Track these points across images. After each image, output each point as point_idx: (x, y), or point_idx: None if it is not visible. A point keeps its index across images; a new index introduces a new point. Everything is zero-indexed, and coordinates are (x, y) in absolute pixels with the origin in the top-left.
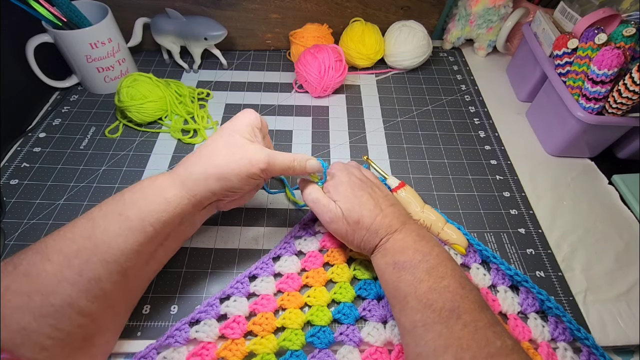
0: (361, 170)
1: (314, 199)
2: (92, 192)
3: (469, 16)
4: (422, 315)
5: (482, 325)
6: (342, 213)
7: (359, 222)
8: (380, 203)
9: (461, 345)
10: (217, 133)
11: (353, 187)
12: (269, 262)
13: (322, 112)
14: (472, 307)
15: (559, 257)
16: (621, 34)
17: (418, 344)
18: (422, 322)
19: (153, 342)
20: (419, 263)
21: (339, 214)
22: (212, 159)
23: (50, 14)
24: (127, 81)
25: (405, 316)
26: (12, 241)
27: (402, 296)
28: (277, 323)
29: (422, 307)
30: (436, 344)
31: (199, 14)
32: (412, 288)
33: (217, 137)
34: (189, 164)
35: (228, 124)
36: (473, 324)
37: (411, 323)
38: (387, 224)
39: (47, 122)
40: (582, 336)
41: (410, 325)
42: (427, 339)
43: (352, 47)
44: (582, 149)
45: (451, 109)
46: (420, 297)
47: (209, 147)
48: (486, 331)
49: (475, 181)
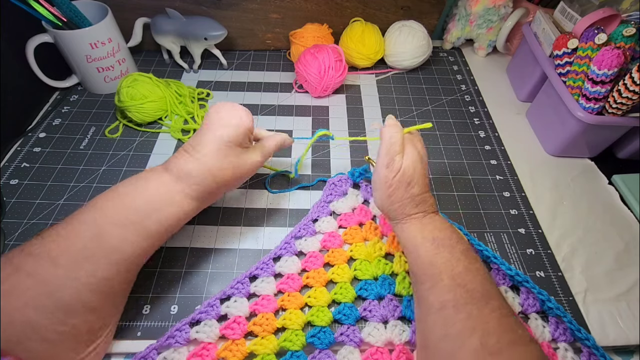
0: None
1: (391, 138)
2: (92, 192)
3: (469, 16)
4: (455, 294)
5: (506, 313)
6: (402, 165)
7: (409, 183)
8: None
9: (487, 329)
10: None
11: (422, 155)
12: (270, 263)
13: (322, 112)
14: (498, 294)
15: (559, 257)
16: (621, 34)
17: (446, 323)
18: (453, 301)
19: (153, 342)
20: (457, 243)
21: (398, 164)
22: (219, 174)
23: (50, 14)
24: (127, 81)
25: (435, 294)
26: (12, 241)
27: (436, 273)
28: (278, 323)
29: (456, 286)
30: (464, 325)
31: (199, 14)
32: (448, 266)
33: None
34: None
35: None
36: (499, 310)
37: (441, 302)
38: (431, 203)
39: (47, 122)
40: (583, 337)
41: (439, 305)
42: (456, 319)
43: (352, 47)
44: (582, 149)
45: (451, 109)
46: (455, 276)
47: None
48: (509, 319)
49: (475, 181)
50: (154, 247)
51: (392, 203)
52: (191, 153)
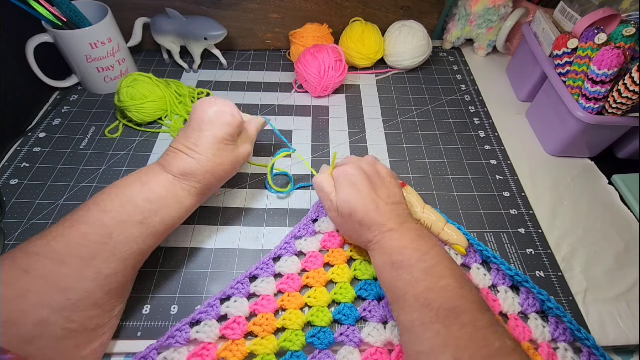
0: (375, 165)
1: (319, 185)
2: (92, 192)
3: (469, 16)
4: (420, 314)
5: (481, 326)
6: (335, 203)
7: (351, 215)
8: (378, 199)
9: (459, 345)
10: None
11: (355, 180)
12: (270, 263)
13: (322, 112)
14: (471, 307)
15: (558, 257)
16: (621, 34)
17: (416, 342)
18: (420, 321)
19: (153, 342)
20: (417, 262)
21: (335, 203)
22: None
23: (50, 14)
24: (127, 81)
25: (404, 315)
26: (12, 241)
27: (400, 295)
28: (278, 324)
29: (420, 306)
30: (434, 343)
31: (199, 14)
32: (409, 287)
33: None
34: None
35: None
36: (472, 324)
37: (410, 322)
38: (381, 222)
39: (47, 122)
40: (583, 337)
41: (409, 324)
42: (424, 337)
43: (352, 47)
44: (582, 149)
45: (451, 109)
46: (417, 296)
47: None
48: (485, 331)
49: (475, 181)
50: (157, 243)
51: (352, 236)
52: (189, 154)
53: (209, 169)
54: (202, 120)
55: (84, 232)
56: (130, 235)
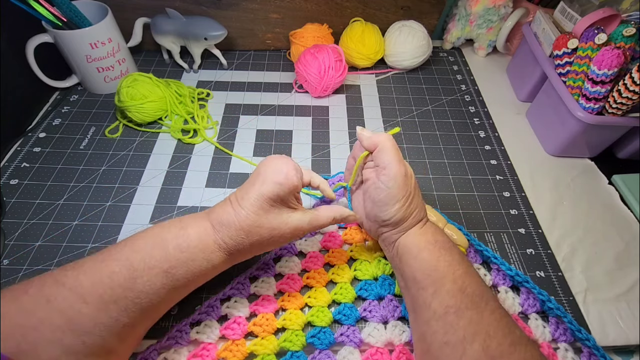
0: None
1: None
2: (92, 192)
3: (469, 16)
4: (456, 300)
5: (504, 314)
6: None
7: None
8: None
9: (489, 332)
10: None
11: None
12: (270, 263)
13: (322, 112)
14: (493, 295)
15: (559, 257)
16: (621, 34)
17: (448, 331)
18: (455, 307)
19: (154, 342)
20: (454, 247)
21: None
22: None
23: (50, 14)
24: (127, 81)
25: (438, 300)
26: (12, 241)
27: (439, 277)
28: (278, 324)
29: (457, 290)
30: (466, 331)
31: (199, 14)
32: (450, 269)
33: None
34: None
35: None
36: (498, 310)
37: (444, 308)
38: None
39: (47, 122)
40: (583, 337)
41: (442, 311)
42: (458, 326)
43: (352, 47)
44: (582, 149)
45: (451, 109)
46: (456, 279)
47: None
48: (508, 319)
49: (475, 181)
50: (175, 300)
51: (412, 211)
52: (234, 205)
53: (244, 226)
54: (258, 173)
55: (112, 270)
56: (154, 285)
